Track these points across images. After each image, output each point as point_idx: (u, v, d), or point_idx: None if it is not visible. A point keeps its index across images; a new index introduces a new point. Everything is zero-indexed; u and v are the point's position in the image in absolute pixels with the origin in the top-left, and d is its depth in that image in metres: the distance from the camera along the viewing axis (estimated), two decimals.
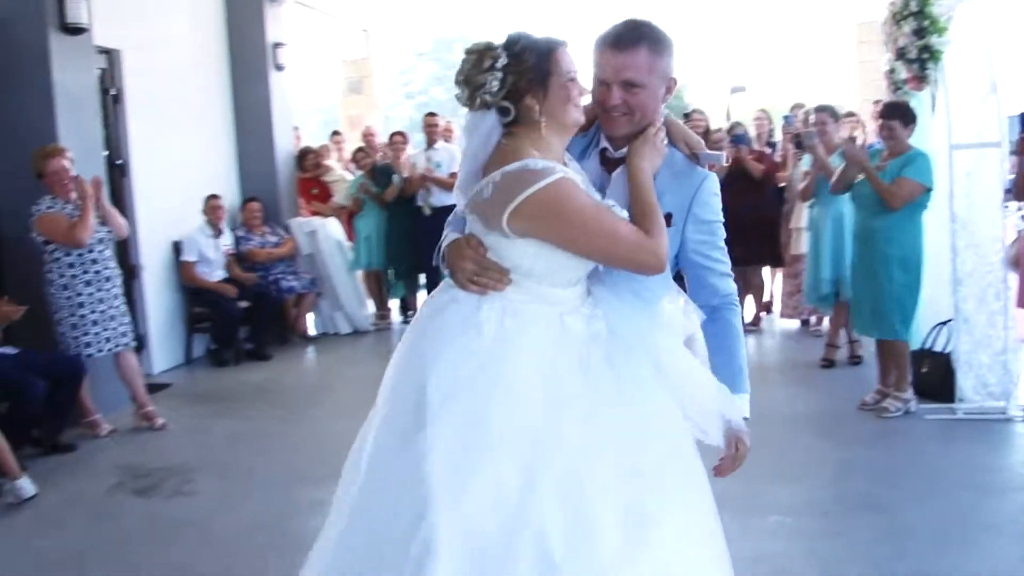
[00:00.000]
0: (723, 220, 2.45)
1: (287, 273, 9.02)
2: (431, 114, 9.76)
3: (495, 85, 2.21)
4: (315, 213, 9.88)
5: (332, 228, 9.56)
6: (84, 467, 5.56)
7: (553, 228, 2.17)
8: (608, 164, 2.44)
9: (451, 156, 9.08)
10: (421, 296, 9.61)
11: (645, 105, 2.34)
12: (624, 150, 2.40)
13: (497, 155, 2.24)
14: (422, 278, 9.71)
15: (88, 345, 5.95)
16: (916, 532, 4.20)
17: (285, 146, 9.62)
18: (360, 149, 10.07)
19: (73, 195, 5.90)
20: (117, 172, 7.51)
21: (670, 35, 2.36)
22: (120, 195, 7.48)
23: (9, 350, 5.59)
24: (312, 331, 9.49)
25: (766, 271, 9.22)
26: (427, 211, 9.20)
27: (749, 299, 8.91)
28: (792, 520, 4.39)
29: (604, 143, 2.45)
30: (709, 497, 2.31)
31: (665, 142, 2.39)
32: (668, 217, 2.32)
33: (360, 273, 9.87)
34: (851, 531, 4.25)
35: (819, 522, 4.37)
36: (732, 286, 2.46)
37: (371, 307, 9.87)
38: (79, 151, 6.15)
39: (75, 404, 5.94)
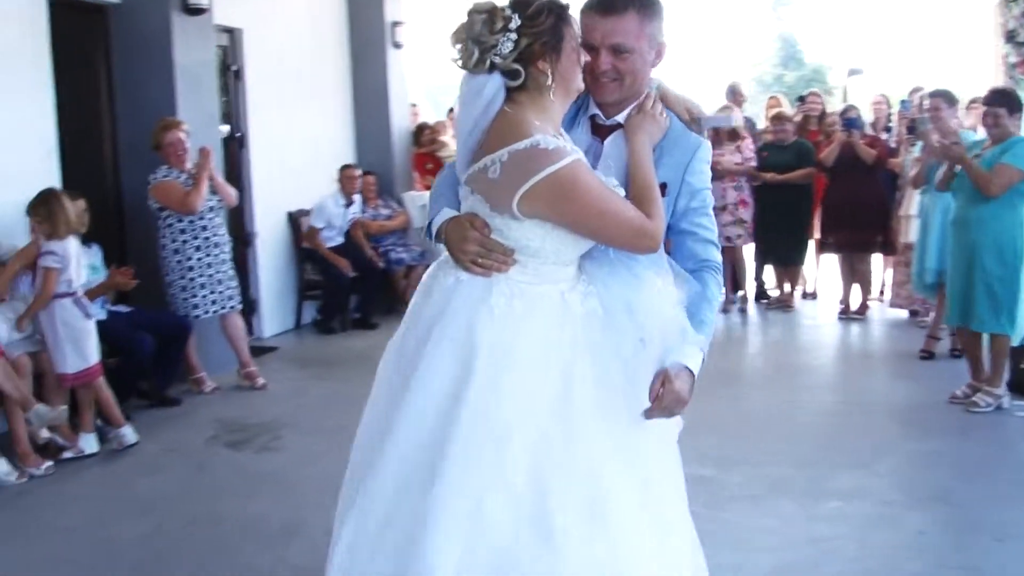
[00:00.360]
0: (711, 188, 2.44)
1: (398, 245, 9.26)
2: None
3: (508, 47, 2.13)
4: (428, 187, 10.10)
5: None
6: (185, 420, 5.94)
7: (564, 211, 2.14)
8: (599, 131, 2.41)
9: None
10: None
11: (635, 70, 2.32)
12: (617, 118, 2.38)
13: (500, 124, 2.17)
14: None
15: (196, 307, 6.31)
16: (980, 528, 4.12)
17: (401, 122, 9.89)
18: None
19: (188, 165, 6.26)
20: (235, 144, 7.88)
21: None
22: (238, 166, 7.85)
23: (122, 308, 6.03)
24: None
25: (877, 259, 8.99)
26: None
27: (856, 287, 8.73)
28: (850, 506, 4.36)
29: (594, 110, 2.42)
30: (682, 479, 2.37)
31: (664, 114, 2.36)
32: (663, 187, 2.30)
33: None
34: (911, 521, 4.20)
35: (878, 510, 4.32)
36: (715, 254, 2.42)
37: None
38: (196, 124, 6.51)
39: (182, 361, 6.35)
